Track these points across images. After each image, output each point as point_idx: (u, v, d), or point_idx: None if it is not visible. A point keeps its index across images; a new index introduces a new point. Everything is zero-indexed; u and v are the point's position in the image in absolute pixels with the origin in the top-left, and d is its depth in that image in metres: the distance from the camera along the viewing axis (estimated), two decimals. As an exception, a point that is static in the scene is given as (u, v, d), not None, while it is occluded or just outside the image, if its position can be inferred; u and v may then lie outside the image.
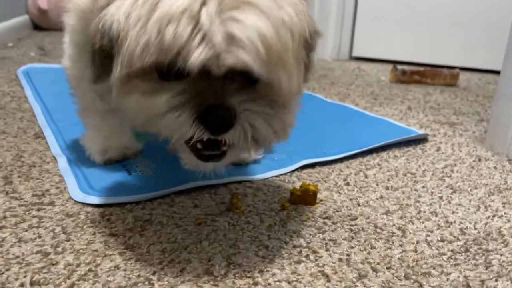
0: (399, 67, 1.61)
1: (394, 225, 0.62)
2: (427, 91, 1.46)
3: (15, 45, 1.86)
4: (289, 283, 0.49)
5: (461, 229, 0.62)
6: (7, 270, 0.48)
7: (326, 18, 1.98)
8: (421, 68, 1.61)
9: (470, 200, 0.70)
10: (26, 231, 0.56)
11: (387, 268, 0.52)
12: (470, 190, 0.74)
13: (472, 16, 1.82)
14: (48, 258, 0.50)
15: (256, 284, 0.48)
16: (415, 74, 1.58)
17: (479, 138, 1.01)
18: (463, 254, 0.56)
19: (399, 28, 1.92)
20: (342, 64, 1.91)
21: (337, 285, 0.49)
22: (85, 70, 0.72)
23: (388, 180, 0.77)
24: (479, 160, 0.88)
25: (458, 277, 0.51)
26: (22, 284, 0.46)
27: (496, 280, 0.51)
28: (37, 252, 0.51)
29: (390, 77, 1.60)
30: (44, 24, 2.29)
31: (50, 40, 2.01)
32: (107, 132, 0.77)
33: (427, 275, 0.51)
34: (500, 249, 0.57)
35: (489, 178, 0.79)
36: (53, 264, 0.49)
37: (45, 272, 0.48)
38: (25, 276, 0.47)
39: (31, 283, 0.46)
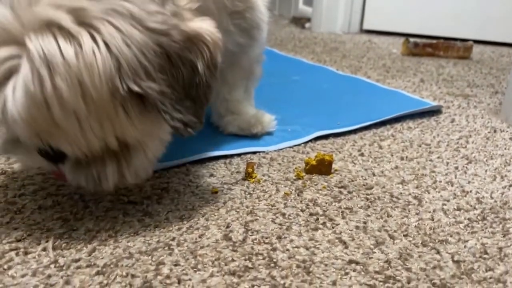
0: (411, 39, 1.58)
1: (410, 194, 0.62)
2: (439, 63, 1.44)
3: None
4: (307, 249, 0.49)
5: (477, 198, 0.61)
6: (29, 235, 0.49)
7: (336, -10, 1.95)
8: (434, 41, 1.59)
9: (486, 170, 0.70)
10: (45, 198, 0.56)
11: (404, 235, 0.52)
12: (486, 160, 0.74)
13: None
14: (68, 224, 0.51)
15: (274, 249, 0.48)
16: (427, 47, 1.56)
17: (494, 110, 1.00)
18: (480, 222, 0.56)
19: (410, 0, 1.89)
20: (353, 37, 1.88)
21: (355, 251, 0.49)
22: None
23: (403, 150, 0.76)
24: (495, 131, 0.87)
25: (476, 244, 0.51)
26: (44, 249, 0.47)
27: (514, 248, 0.51)
28: (58, 219, 0.52)
29: (402, 50, 1.58)
30: None
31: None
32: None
33: (444, 242, 0.51)
34: (517, 218, 0.57)
35: (505, 149, 0.79)
36: (74, 230, 0.50)
37: (66, 238, 0.49)
38: (47, 241, 0.48)
39: (54, 248, 0.47)
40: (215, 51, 0.48)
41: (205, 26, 0.48)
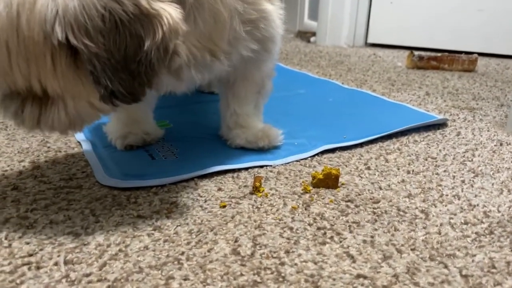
0: (416, 52, 1.59)
1: (417, 208, 0.62)
2: (444, 76, 1.45)
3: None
4: (315, 263, 0.49)
5: (484, 212, 0.62)
6: (41, 250, 0.49)
7: (341, 5, 1.97)
8: (439, 54, 1.59)
9: (492, 184, 0.70)
10: (57, 213, 0.57)
11: (411, 249, 0.53)
12: (493, 174, 0.74)
13: (489, 1, 1.79)
14: (80, 238, 0.52)
15: (282, 264, 0.49)
16: (432, 60, 1.57)
17: (499, 123, 1.00)
18: (488, 236, 0.56)
19: (414, 14, 1.90)
20: (358, 50, 1.90)
21: (362, 265, 0.49)
22: None
23: (409, 164, 0.77)
24: (501, 144, 0.87)
25: (483, 258, 0.51)
26: (56, 263, 0.47)
27: (522, 262, 0.51)
28: (69, 233, 0.53)
29: (407, 63, 1.59)
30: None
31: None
32: (127, 118, 0.78)
33: (452, 257, 0.52)
34: (524, 232, 0.57)
35: (511, 162, 0.79)
36: (85, 245, 0.51)
37: (77, 252, 0.49)
38: (58, 256, 0.48)
39: (65, 262, 0.47)
40: (169, 36, 0.47)
41: (168, 9, 0.48)
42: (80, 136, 0.81)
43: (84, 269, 0.47)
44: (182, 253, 0.50)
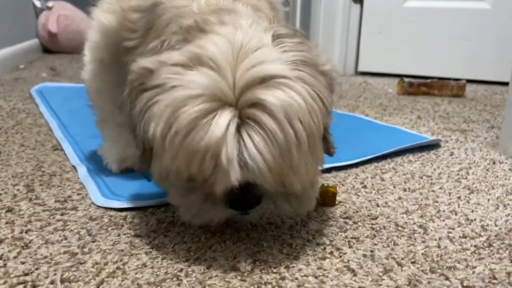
0: (406, 79, 1.62)
1: (415, 223, 0.62)
2: (435, 101, 1.48)
3: (26, 67, 1.90)
4: (316, 277, 0.49)
5: (482, 226, 0.62)
6: (37, 269, 0.48)
7: (331, 35, 2.02)
8: (428, 80, 1.63)
9: (488, 200, 0.71)
10: (52, 233, 0.56)
11: (411, 262, 0.52)
12: (488, 190, 0.74)
13: (475, 31, 1.84)
14: (76, 257, 0.51)
15: (283, 278, 0.48)
16: (422, 86, 1.60)
17: (491, 144, 1.01)
18: (487, 249, 0.56)
19: (403, 43, 1.95)
20: (349, 79, 1.93)
21: (363, 278, 0.49)
22: (106, 83, 0.74)
23: (405, 182, 0.77)
24: (494, 163, 0.88)
25: (484, 270, 0.51)
26: (52, 282, 0.46)
27: (522, 273, 0.51)
28: (65, 253, 0.52)
29: (398, 89, 1.62)
30: (53, 47, 2.34)
31: (61, 62, 2.04)
32: (124, 142, 0.78)
33: (452, 269, 0.51)
34: (523, 244, 0.57)
35: (505, 179, 0.80)
36: (81, 263, 0.50)
37: (74, 271, 0.48)
38: (55, 274, 0.47)
39: (62, 281, 0.46)
40: None
41: None
42: (74, 160, 0.81)
43: (81, 287, 0.46)
44: (181, 270, 0.49)
